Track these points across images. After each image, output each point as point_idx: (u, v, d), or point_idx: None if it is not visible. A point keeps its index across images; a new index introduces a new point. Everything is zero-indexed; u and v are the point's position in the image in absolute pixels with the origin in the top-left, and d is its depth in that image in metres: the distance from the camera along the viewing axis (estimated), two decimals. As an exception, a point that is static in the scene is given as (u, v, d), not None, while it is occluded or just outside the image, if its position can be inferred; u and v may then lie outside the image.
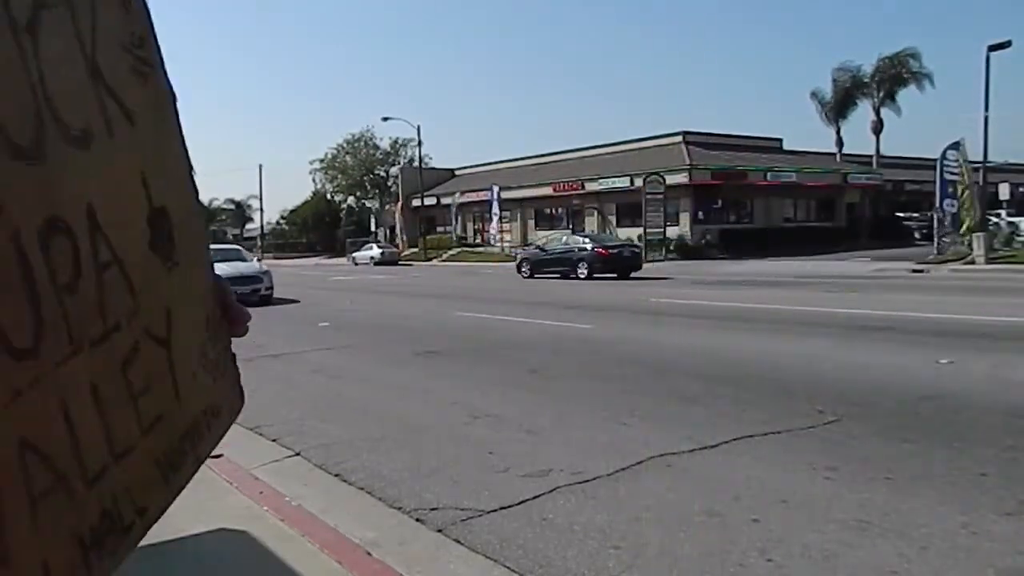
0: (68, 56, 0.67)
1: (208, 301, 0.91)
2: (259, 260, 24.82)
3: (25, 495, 0.58)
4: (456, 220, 47.33)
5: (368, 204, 64.01)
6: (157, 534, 0.81)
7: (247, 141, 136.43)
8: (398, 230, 52.76)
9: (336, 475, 4.50)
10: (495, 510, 3.86)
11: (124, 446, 0.72)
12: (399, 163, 60.28)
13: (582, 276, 23.72)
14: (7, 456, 0.56)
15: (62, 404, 0.63)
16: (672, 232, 34.40)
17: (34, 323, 0.59)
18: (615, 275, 23.29)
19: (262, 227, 65.78)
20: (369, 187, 62.78)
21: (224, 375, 0.93)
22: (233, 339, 0.98)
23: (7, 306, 0.56)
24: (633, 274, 23.66)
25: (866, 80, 42.61)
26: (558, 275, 24.43)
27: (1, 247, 0.56)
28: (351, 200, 64.75)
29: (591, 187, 39.28)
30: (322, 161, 63.24)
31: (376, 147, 62.31)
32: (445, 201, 48.46)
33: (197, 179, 0.91)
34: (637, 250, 26.04)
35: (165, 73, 0.83)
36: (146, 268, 0.77)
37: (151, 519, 0.76)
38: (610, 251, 24.17)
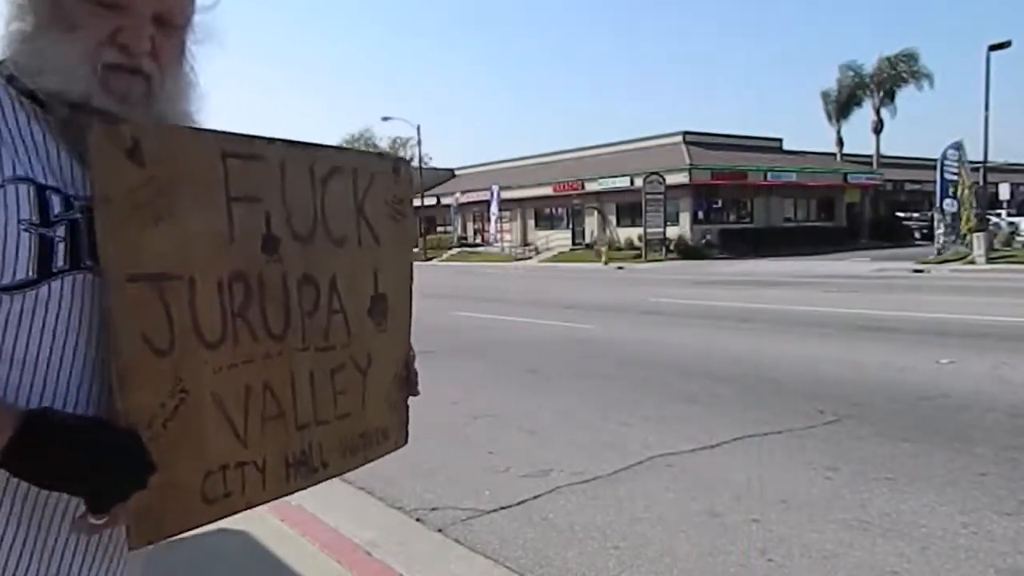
0: (342, 198, 1.17)
1: (401, 363, 1.30)
2: None
3: (261, 413, 1.04)
4: (456, 220, 47.31)
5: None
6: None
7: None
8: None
9: (336, 475, 4.49)
10: (495, 510, 3.86)
11: (323, 417, 1.14)
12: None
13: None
14: (257, 387, 1.03)
15: (291, 373, 1.08)
16: (672, 232, 34.34)
17: (284, 322, 1.07)
18: None
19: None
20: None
21: (398, 414, 1.31)
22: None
23: (272, 308, 1.05)
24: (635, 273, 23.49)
25: (867, 80, 42.60)
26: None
27: (277, 281, 1.06)
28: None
29: (591, 187, 39.22)
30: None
31: (375, 147, 62.37)
32: (445, 201, 48.43)
33: None
34: None
35: (415, 222, 1.37)
36: (362, 324, 1.21)
37: (330, 474, 1.17)
38: None
